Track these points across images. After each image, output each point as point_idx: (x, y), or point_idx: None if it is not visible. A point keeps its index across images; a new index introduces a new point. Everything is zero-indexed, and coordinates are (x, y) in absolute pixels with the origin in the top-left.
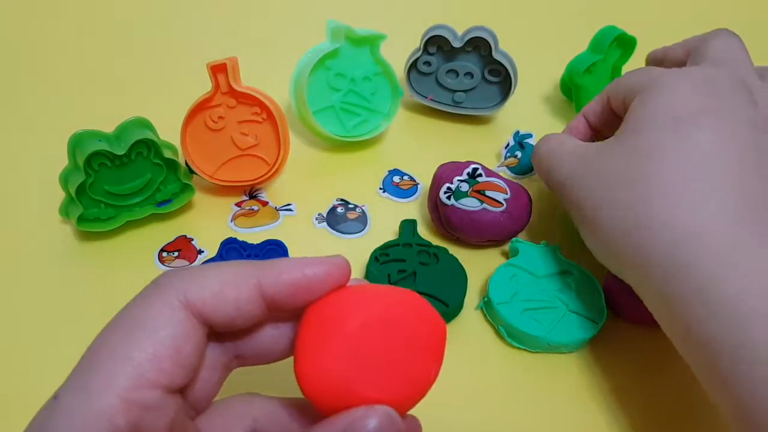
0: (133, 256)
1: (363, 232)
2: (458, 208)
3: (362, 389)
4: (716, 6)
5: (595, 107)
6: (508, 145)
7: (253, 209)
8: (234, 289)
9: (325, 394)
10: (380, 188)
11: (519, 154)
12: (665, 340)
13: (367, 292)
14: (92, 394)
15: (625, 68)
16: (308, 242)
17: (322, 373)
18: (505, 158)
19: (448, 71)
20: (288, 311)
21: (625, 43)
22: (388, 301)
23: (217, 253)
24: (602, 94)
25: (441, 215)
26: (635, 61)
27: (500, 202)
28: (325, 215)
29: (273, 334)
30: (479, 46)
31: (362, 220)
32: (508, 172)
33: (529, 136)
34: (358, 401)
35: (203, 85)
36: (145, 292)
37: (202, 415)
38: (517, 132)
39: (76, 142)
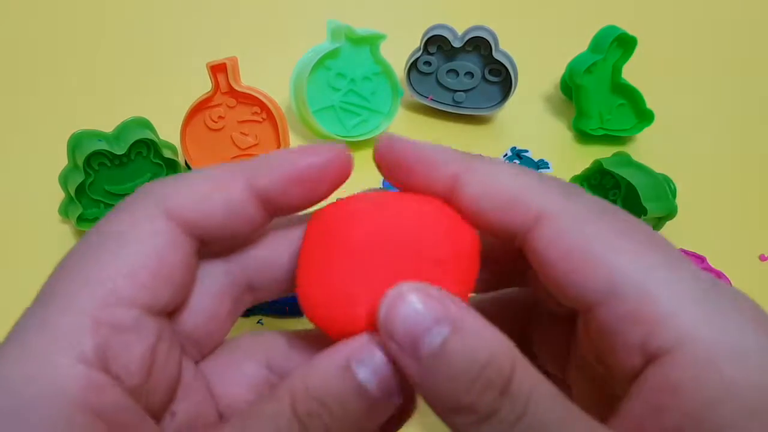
0: None
1: None
2: None
3: (371, 310)
4: (716, 6)
5: None
6: (506, 155)
7: None
8: (222, 189)
9: (330, 316)
10: (380, 188)
11: (518, 162)
12: None
13: (380, 198)
14: (52, 315)
15: (626, 68)
16: None
17: (323, 293)
18: None
19: (449, 71)
20: (291, 211)
21: (625, 43)
22: (402, 207)
23: None
24: None
25: None
26: (636, 61)
27: None
28: None
29: (283, 245)
30: (479, 45)
31: None
32: None
33: (526, 151)
34: (366, 325)
35: (203, 85)
36: (119, 205)
37: (207, 359)
38: (514, 147)
39: (75, 142)
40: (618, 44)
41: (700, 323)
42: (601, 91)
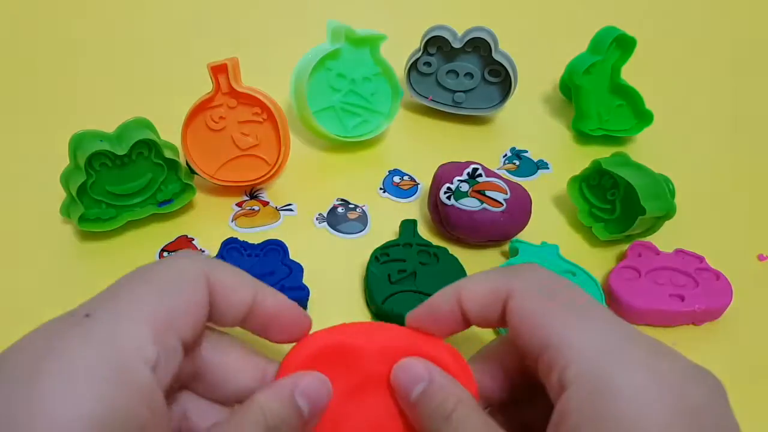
0: (134, 256)
1: (363, 232)
2: (458, 208)
3: None
4: (716, 6)
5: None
6: (505, 155)
7: (253, 209)
8: (243, 290)
9: None
10: (380, 188)
11: (517, 162)
12: (665, 340)
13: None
14: (124, 320)
15: (625, 69)
16: (309, 242)
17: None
18: (503, 165)
19: (448, 72)
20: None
21: (624, 44)
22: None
23: (218, 253)
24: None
25: (441, 215)
26: (635, 62)
27: (500, 202)
28: (325, 215)
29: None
30: (479, 46)
31: (362, 220)
32: (508, 174)
33: (525, 151)
34: None
35: (204, 86)
36: (173, 257)
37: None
38: (513, 148)
39: (77, 143)
40: (617, 45)
41: (595, 363)
42: (600, 92)
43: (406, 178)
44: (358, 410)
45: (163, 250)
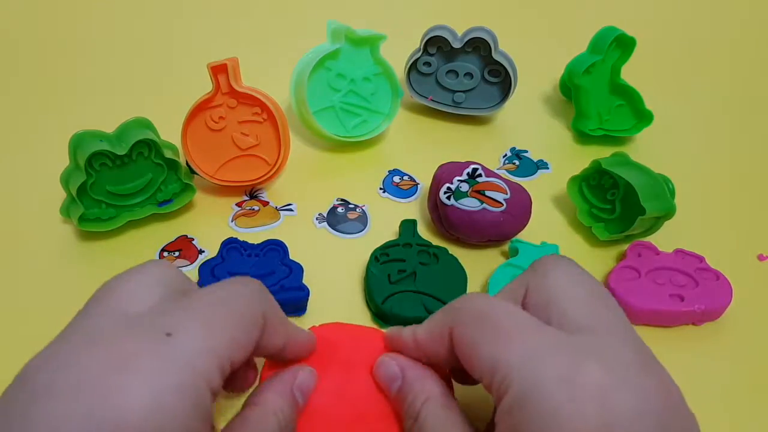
0: (134, 256)
1: (363, 232)
2: (458, 208)
3: None
4: (716, 6)
5: None
6: (505, 155)
7: (253, 209)
8: (280, 336)
9: None
10: (380, 188)
11: (517, 162)
12: (665, 340)
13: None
14: (202, 347)
15: (624, 69)
16: (309, 242)
17: None
18: (503, 165)
19: (448, 72)
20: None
21: (624, 44)
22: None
23: (218, 253)
24: None
25: (441, 215)
26: (635, 62)
27: (500, 202)
28: (325, 215)
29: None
30: (479, 46)
31: (362, 220)
32: (508, 174)
33: (525, 151)
34: None
35: (204, 85)
36: (248, 288)
37: None
38: (513, 148)
39: (77, 143)
40: (617, 45)
41: (518, 385)
42: (600, 92)
43: (406, 178)
44: (342, 399)
45: (163, 250)
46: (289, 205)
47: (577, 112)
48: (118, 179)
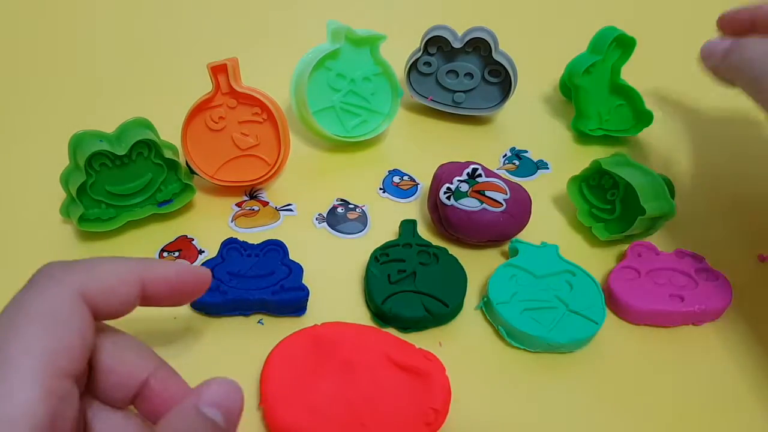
0: (134, 256)
1: (363, 232)
2: (458, 208)
3: None
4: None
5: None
6: (505, 155)
7: (253, 209)
8: (125, 285)
9: None
10: (380, 188)
11: (517, 162)
12: (665, 340)
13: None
14: (12, 388)
15: (624, 69)
16: (308, 242)
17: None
18: (503, 165)
19: (448, 72)
20: (153, 305)
21: (624, 44)
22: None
23: (218, 253)
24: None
25: (441, 215)
26: (635, 62)
27: (500, 203)
28: (325, 215)
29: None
30: (479, 46)
31: (362, 220)
32: (508, 174)
33: (525, 151)
34: None
35: (203, 86)
36: (43, 282)
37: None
38: (513, 148)
39: (76, 143)
40: (617, 45)
41: None
42: (599, 92)
43: (405, 178)
44: (342, 399)
45: (163, 250)
46: (289, 205)
47: (576, 112)
48: (117, 179)
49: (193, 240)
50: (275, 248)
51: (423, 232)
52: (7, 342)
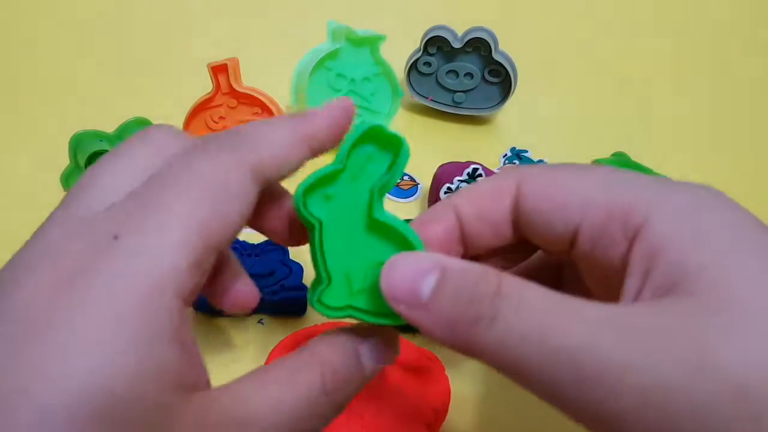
0: None
1: None
2: None
3: None
4: (716, 6)
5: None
6: (505, 155)
7: None
8: (295, 151)
9: None
10: None
11: (517, 162)
12: None
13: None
14: (161, 246)
15: (625, 68)
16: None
17: None
18: (503, 165)
19: (448, 72)
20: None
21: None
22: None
23: None
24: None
25: None
26: (635, 61)
27: None
28: None
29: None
30: (479, 46)
31: None
32: None
33: (526, 151)
34: None
35: (204, 85)
36: (213, 150)
37: None
38: (513, 148)
39: (77, 143)
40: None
41: (665, 200)
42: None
43: (406, 178)
44: None
45: None
46: None
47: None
48: None
49: None
50: (275, 248)
51: None
52: (168, 199)
